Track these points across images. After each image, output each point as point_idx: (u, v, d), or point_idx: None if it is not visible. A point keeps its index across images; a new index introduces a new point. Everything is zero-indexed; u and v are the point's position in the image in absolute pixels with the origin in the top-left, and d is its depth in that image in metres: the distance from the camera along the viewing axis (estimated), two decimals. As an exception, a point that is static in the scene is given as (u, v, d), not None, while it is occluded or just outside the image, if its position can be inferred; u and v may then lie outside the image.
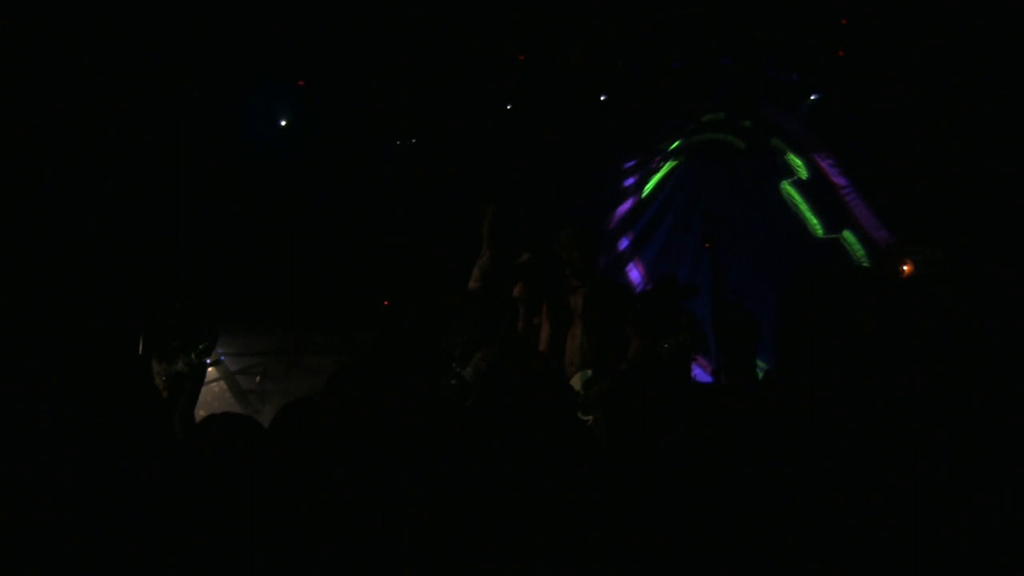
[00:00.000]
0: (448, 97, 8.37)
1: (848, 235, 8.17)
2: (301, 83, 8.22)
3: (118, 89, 6.76)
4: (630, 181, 9.24)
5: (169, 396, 6.43)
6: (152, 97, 6.99)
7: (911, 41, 6.91)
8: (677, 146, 9.01)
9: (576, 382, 4.93)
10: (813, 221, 8.36)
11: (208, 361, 6.70)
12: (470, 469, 2.54)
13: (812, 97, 8.09)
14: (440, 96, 8.33)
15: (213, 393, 8.05)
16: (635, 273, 8.99)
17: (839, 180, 8.30)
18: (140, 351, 7.10)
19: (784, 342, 6.95)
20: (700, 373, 7.65)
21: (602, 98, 8.37)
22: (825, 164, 8.39)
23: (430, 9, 6.99)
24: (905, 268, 6.67)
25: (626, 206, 9.22)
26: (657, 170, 9.13)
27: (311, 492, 2.28)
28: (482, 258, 5.53)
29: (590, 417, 4.76)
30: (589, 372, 4.94)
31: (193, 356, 6.36)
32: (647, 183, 9.15)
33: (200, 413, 6.94)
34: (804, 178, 8.47)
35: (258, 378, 8.55)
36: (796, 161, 8.48)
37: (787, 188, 8.50)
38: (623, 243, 9.13)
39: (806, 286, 7.02)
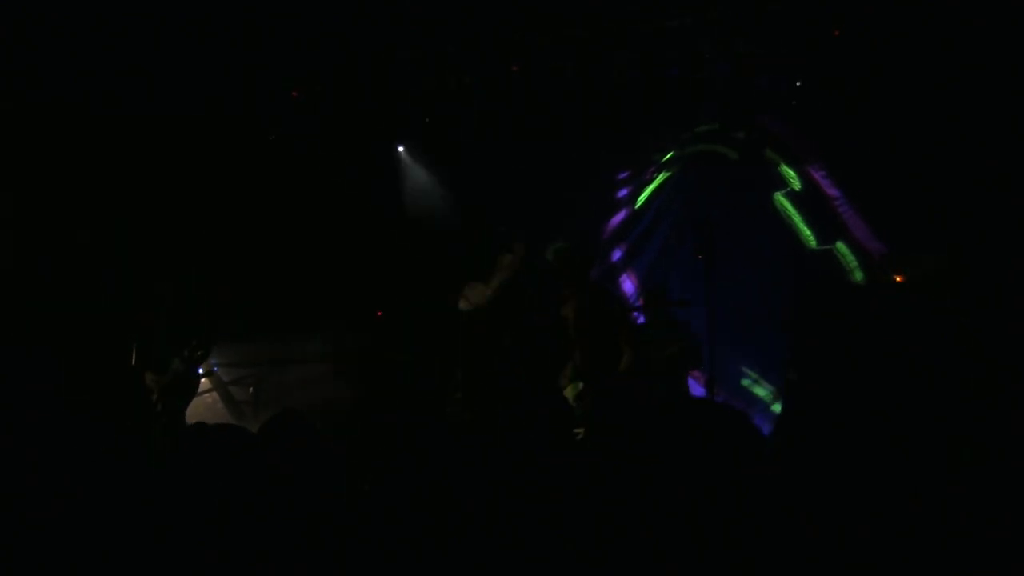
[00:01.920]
0: (444, 106, 8.38)
1: (841, 246, 8.18)
2: (295, 93, 8.21)
3: (109, 86, 6.76)
4: (623, 192, 9.24)
5: (162, 407, 6.38)
6: (144, 96, 6.99)
7: (909, 48, 6.93)
8: (671, 157, 9.03)
9: (569, 393, 4.93)
10: (806, 232, 8.37)
11: (201, 371, 6.64)
12: (464, 477, 2.54)
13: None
14: (437, 103, 8.34)
15: (206, 404, 8.00)
16: (629, 284, 8.99)
17: (832, 192, 8.31)
18: (133, 361, 7.05)
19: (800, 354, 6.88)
20: (693, 385, 7.63)
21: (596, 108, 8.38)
22: (818, 175, 8.41)
23: (428, 15, 7.01)
24: (897, 279, 6.69)
25: (619, 217, 9.22)
26: (651, 181, 9.12)
27: (303, 500, 2.28)
28: (490, 284, 5.48)
29: (581, 429, 4.76)
30: (581, 384, 4.94)
31: (187, 354, 6.26)
32: (641, 194, 9.15)
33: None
34: (797, 189, 8.48)
35: (251, 389, 8.50)
36: (790, 172, 8.50)
37: (780, 199, 8.51)
38: (616, 254, 9.12)
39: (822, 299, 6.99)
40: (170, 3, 6.30)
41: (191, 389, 6.50)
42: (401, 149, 9.27)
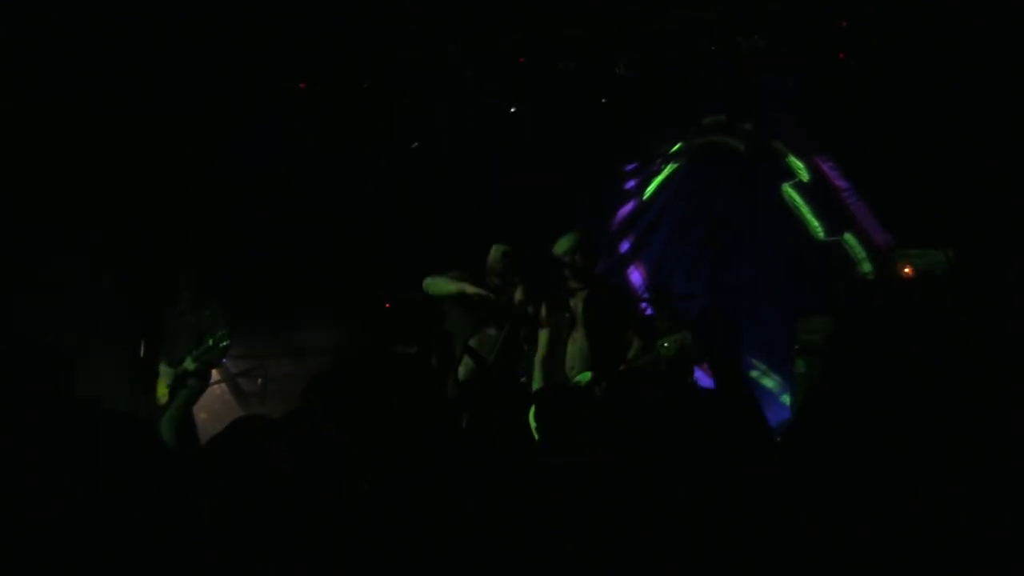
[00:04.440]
0: (448, 99, 8.39)
1: (849, 238, 8.17)
2: (303, 85, 8.22)
3: (109, 86, 6.77)
4: (631, 184, 9.27)
5: (169, 400, 6.37)
6: (151, 97, 7.00)
7: (909, 48, 6.94)
8: (678, 149, 9.04)
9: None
10: (814, 224, 8.37)
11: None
12: (464, 477, 2.54)
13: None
14: (440, 98, 8.35)
15: (215, 395, 8.00)
16: (637, 275, 9.01)
17: (840, 183, 8.31)
18: (144, 354, 7.07)
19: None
20: (702, 376, 7.64)
21: (603, 101, 8.39)
22: (826, 167, 8.41)
23: (431, 11, 7.02)
24: (906, 271, 6.68)
25: (627, 208, 9.25)
26: (658, 172, 9.15)
27: (303, 500, 2.28)
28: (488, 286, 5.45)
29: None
30: (589, 375, 4.94)
31: (209, 344, 6.20)
32: (648, 185, 9.17)
33: (202, 416, 6.91)
34: (805, 181, 8.49)
35: (260, 380, 8.51)
36: (797, 164, 8.49)
37: (788, 191, 8.52)
38: (624, 246, 9.15)
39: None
40: (170, 3, 6.31)
41: (203, 381, 6.48)
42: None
